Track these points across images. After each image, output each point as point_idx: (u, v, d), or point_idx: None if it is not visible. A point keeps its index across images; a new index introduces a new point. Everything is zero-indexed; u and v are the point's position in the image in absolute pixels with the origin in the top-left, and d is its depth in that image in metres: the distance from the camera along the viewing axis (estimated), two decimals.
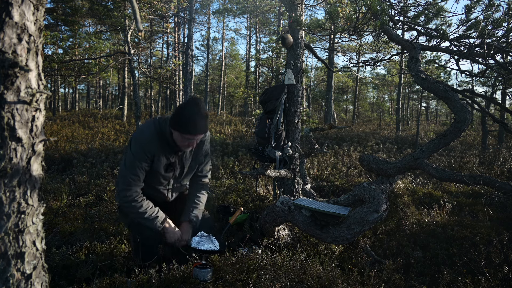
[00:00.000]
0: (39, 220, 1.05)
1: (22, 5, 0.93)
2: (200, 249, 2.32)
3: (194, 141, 2.07)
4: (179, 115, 1.99)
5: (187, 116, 1.97)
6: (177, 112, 2.01)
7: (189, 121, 1.97)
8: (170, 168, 2.21)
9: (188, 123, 1.97)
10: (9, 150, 0.94)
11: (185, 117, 1.97)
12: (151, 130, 2.09)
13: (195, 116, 1.97)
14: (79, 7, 14.54)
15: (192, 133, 2.00)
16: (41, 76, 1.02)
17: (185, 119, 1.97)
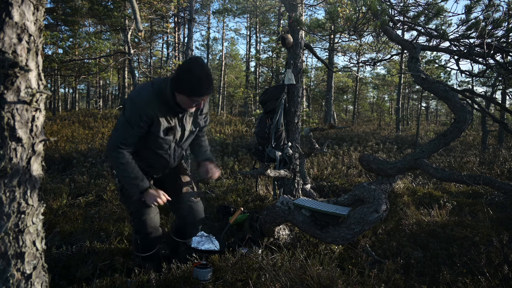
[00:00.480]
0: (39, 220, 1.05)
1: (22, 5, 0.93)
2: (200, 249, 2.32)
3: (201, 101, 1.98)
4: (186, 78, 1.87)
5: (196, 79, 1.85)
6: (182, 75, 1.88)
7: (198, 84, 1.86)
8: (171, 131, 2.09)
9: (197, 86, 1.87)
10: (9, 150, 0.94)
11: (194, 80, 1.85)
12: (149, 91, 1.97)
13: (204, 78, 1.86)
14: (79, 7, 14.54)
15: (202, 95, 1.91)
16: (41, 76, 1.02)
17: (193, 82, 1.86)
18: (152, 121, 1.98)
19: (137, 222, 2.22)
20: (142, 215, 2.20)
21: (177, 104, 1.97)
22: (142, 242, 2.25)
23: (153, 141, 2.08)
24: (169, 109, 2.00)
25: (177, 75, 1.91)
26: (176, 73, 1.92)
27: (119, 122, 1.99)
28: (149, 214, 2.23)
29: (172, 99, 1.96)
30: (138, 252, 2.29)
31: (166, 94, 1.95)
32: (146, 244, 2.27)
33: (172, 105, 1.98)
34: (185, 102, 1.95)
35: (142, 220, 2.21)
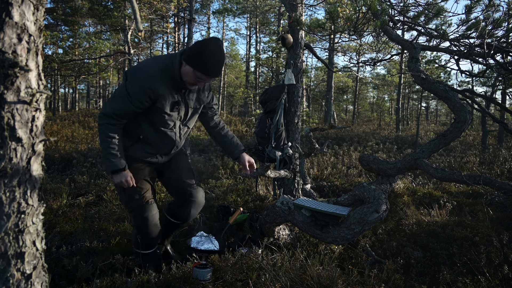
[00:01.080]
0: (39, 220, 1.05)
1: (22, 5, 0.93)
2: (200, 249, 2.32)
3: (203, 83, 1.97)
4: (202, 53, 1.83)
5: (211, 56, 1.83)
6: (199, 49, 1.84)
7: (212, 62, 1.84)
8: (176, 106, 2.05)
9: (210, 64, 1.84)
10: (9, 150, 0.94)
11: (209, 57, 1.82)
12: (153, 67, 1.93)
13: (218, 58, 1.84)
14: (79, 7, 14.54)
15: (212, 75, 1.89)
16: (41, 76, 1.02)
17: (208, 59, 1.83)
18: (157, 96, 1.93)
19: (139, 219, 2.19)
20: (143, 212, 2.17)
21: (181, 78, 1.94)
22: (144, 239, 2.22)
23: (159, 119, 2.04)
24: (173, 84, 1.97)
25: (193, 46, 1.87)
26: (193, 45, 1.88)
27: (118, 93, 1.93)
28: (150, 212, 2.20)
29: (178, 72, 1.92)
30: (139, 249, 2.26)
31: (173, 67, 1.92)
32: (147, 241, 2.24)
33: (177, 80, 1.94)
34: (189, 76, 1.91)
35: (144, 217, 2.17)
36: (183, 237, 2.99)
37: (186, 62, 1.88)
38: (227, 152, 2.49)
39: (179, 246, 2.82)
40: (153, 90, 1.90)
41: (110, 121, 1.92)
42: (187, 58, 1.88)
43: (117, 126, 1.96)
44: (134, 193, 2.14)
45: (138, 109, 1.94)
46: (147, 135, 2.08)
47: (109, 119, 1.92)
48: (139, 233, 2.22)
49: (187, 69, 1.89)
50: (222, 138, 2.45)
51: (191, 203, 2.33)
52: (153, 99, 1.93)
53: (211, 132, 2.48)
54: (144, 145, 2.11)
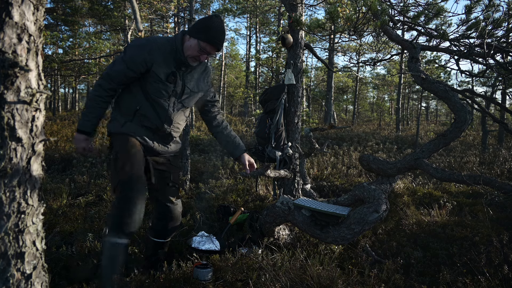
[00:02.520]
0: (39, 220, 1.05)
1: (22, 5, 0.93)
2: (201, 249, 2.33)
3: (206, 56, 2.02)
4: (207, 25, 1.92)
5: (216, 28, 1.92)
6: (203, 23, 1.94)
7: (217, 32, 1.92)
8: (172, 77, 2.03)
9: (215, 34, 1.92)
10: (9, 150, 0.94)
11: (213, 28, 1.92)
12: (154, 37, 2.03)
13: (222, 30, 1.94)
14: (79, 7, 14.54)
15: (216, 45, 1.96)
16: (41, 76, 1.02)
17: (213, 30, 1.92)
18: (152, 62, 1.95)
19: (123, 197, 1.92)
20: (131, 191, 1.92)
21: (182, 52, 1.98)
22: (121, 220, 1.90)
23: (154, 87, 2.02)
24: (174, 57, 2.00)
25: (197, 22, 1.98)
26: (196, 21, 1.99)
27: (116, 58, 2.02)
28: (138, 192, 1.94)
29: (180, 46, 1.97)
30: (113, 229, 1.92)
31: (175, 41, 1.98)
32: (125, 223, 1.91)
33: (178, 52, 1.98)
34: (192, 49, 1.96)
35: (129, 196, 1.91)
36: (183, 237, 2.99)
37: (191, 35, 1.95)
38: (227, 152, 2.47)
39: (179, 246, 2.82)
40: (150, 54, 1.94)
41: (103, 83, 1.97)
42: (191, 31, 1.96)
43: (108, 91, 1.99)
44: (126, 161, 1.95)
45: (132, 72, 1.95)
46: (143, 105, 2.06)
47: (103, 81, 1.97)
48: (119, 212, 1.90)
49: (191, 42, 1.95)
50: (223, 138, 2.42)
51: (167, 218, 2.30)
52: (148, 64, 1.95)
53: (213, 132, 2.46)
54: (141, 118, 2.08)
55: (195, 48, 1.95)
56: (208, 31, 1.91)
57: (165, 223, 2.30)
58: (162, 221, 2.30)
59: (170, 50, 1.98)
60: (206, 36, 1.92)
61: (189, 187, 4.94)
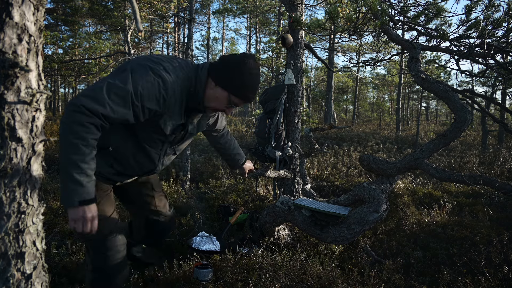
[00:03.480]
0: (39, 220, 1.05)
1: (23, 5, 0.93)
2: (201, 250, 2.33)
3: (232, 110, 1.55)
4: (242, 74, 1.44)
5: (251, 79, 1.46)
6: (237, 69, 1.44)
7: (251, 85, 1.47)
8: (179, 129, 1.55)
9: (252, 88, 1.47)
10: (10, 150, 0.94)
11: (250, 79, 1.45)
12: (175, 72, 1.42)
13: (257, 82, 1.49)
14: (79, 7, 14.54)
15: (247, 101, 1.51)
16: (41, 76, 1.02)
17: (249, 81, 1.46)
18: (164, 112, 1.42)
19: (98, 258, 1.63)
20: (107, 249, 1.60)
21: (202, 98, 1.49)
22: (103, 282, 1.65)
23: (150, 136, 1.51)
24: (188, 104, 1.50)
25: (227, 64, 1.46)
26: (225, 62, 1.47)
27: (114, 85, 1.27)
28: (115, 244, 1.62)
29: (202, 92, 1.48)
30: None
31: (197, 84, 1.47)
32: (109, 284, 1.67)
33: (196, 100, 1.49)
34: (219, 101, 1.49)
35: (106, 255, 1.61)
36: (183, 237, 2.99)
37: (219, 84, 1.45)
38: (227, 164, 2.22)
39: (180, 246, 2.82)
40: (166, 101, 1.39)
41: (95, 121, 1.24)
42: (220, 79, 1.45)
43: (99, 131, 1.28)
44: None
45: (130, 119, 1.34)
46: (121, 148, 1.51)
47: (93, 118, 1.23)
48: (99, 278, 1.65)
49: (218, 92, 1.46)
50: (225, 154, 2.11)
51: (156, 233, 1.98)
52: (158, 113, 1.40)
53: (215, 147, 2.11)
54: (110, 159, 1.54)
55: (223, 102, 1.49)
56: (244, 82, 1.45)
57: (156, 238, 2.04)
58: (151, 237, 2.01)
59: (186, 92, 1.46)
60: (241, 90, 1.46)
61: (189, 187, 4.94)
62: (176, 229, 3.08)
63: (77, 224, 1.25)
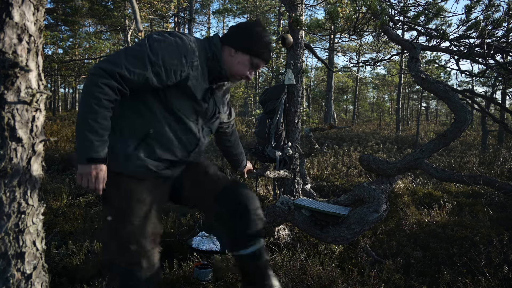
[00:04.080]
0: (39, 220, 1.05)
1: (23, 5, 0.93)
2: (202, 250, 2.33)
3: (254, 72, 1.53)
4: (259, 37, 1.46)
5: (264, 36, 1.47)
6: (252, 33, 1.46)
7: (266, 42, 1.47)
8: (207, 97, 1.48)
9: (269, 47, 1.48)
10: (9, 150, 0.94)
11: (261, 38, 1.46)
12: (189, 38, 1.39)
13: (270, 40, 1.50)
14: (79, 7, 14.55)
15: (267, 59, 1.51)
16: (41, 76, 1.02)
17: (262, 39, 1.47)
18: (189, 72, 1.37)
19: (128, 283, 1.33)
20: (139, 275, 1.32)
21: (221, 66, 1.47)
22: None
23: (186, 105, 1.41)
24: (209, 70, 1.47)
25: (241, 30, 1.47)
26: (238, 29, 1.49)
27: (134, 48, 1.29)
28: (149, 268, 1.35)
29: (220, 57, 1.46)
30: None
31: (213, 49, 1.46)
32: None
33: (218, 66, 1.46)
34: (241, 65, 1.47)
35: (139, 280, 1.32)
36: (184, 237, 2.99)
37: (240, 48, 1.45)
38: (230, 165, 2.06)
39: (180, 246, 2.82)
40: (187, 62, 1.34)
41: (110, 82, 1.23)
42: (240, 43, 1.45)
43: (116, 94, 1.26)
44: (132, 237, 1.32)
45: (156, 81, 1.30)
46: (162, 128, 1.39)
47: (109, 79, 1.22)
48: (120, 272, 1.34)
49: (239, 57, 1.46)
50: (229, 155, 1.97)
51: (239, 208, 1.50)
52: (183, 75, 1.35)
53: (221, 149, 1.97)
54: (154, 146, 1.39)
55: (246, 65, 1.48)
56: (262, 43, 1.47)
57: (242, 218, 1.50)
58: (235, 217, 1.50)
59: (204, 57, 1.44)
60: (261, 50, 1.47)
61: None
62: (176, 229, 3.08)
63: (83, 179, 1.24)
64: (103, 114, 1.23)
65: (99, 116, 1.22)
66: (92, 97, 1.21)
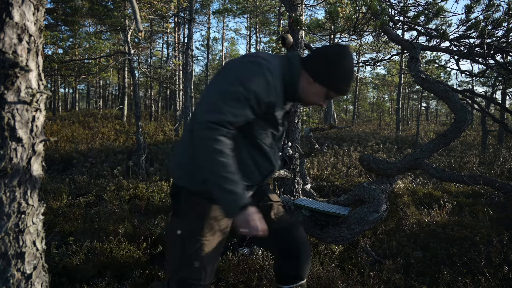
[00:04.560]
0: (39, 220, 1.05)
1: (23, 5, 0.93)
2: None
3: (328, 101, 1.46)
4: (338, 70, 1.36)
5: (350, 73, 1.38)
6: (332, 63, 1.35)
7: (350, 79, 1.40)
8: (285, 118, 1.49)
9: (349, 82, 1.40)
10: (10, 150, 0.94)
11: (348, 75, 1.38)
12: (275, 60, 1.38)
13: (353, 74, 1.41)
14: (79, 7, 14.55)
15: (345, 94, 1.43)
16: (41, 76, 1.02)
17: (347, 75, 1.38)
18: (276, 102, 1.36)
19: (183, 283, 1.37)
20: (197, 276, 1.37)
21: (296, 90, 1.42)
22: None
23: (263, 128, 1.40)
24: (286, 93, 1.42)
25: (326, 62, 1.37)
26: (322, 55, 1.38)
27: (226, 90, 1.26)
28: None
29: (296, 82, 1.40)
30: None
31: (292, 72, 1.39)
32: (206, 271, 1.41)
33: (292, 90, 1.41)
34: (316, 96, 1.41)
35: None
36: None
37: (318, 80, 1.38)
38: None
39: None
40: (277, 91, 1.34)
41: (221, 132, 1.24)
42: (319, 75, 1.37)
43: (231, 138, 1.27)
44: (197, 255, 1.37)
45: (250, 116, 1.32)
46: (243, 157, 1.40)
47: (221, 130, 1.23)
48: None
49: (316, 88, 1.39)
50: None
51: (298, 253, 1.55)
52: (272, 104, 1.34)
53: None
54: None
55: (321, 96, 1.42)
56: (343, 79, 1.38)
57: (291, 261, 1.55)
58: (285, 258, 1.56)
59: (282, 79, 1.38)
60: (340, 85, 1.38)
61: None
62: None
63: (245, 229, 1.24)
64: (230, 162, 1.24)
65: (229, 167, 1.23)
66: (215, 152, 1.21)
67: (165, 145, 9.59)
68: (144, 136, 9.15)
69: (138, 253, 2.62)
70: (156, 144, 9.78)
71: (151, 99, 15.22)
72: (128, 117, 16.56)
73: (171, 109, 22.83)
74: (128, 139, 10.54)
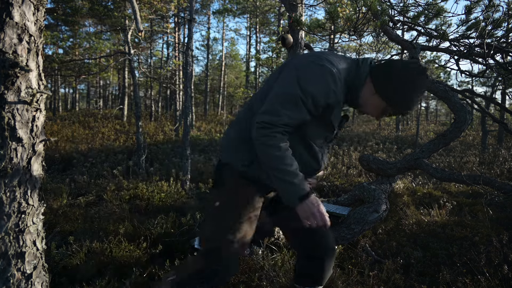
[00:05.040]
0: (40, 220, 1.05)
1: (23, 5, 0.93)
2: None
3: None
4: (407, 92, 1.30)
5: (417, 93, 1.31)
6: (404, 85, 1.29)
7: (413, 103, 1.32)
8: (343, 122, 1.50)
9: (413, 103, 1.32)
10: (10, 150, 0.94)
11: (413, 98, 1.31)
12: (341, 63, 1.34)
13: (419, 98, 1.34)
14: (79, 7, 14.55)
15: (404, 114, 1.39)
16: (41, 76, 1.03)
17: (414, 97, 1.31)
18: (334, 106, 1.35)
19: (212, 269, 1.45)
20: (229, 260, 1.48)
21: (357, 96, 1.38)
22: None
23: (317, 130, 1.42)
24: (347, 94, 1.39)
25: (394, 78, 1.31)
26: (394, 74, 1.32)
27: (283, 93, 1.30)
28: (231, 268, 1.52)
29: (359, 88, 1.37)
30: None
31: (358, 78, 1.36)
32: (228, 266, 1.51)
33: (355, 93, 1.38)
34: (375, 108, 1.39)
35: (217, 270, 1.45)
36: (183, 237, 2.99)
37: (379, 93, 1.33)
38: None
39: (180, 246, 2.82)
40: (337, 95, 1.32)
41: (276, 130, 1.30)
42: (383, 89, 1.33)
43: (286, 134, 1.33)
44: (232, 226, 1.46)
45: (307, 117, 1.34)
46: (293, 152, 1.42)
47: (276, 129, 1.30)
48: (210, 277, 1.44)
49: (376, 100, 1.35)
50: None
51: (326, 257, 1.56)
52: (330, 106, 1.34)
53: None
54: None
55: (378, 110, 1.38)
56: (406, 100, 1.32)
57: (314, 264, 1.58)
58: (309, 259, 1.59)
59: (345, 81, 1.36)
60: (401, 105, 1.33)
61: (189, 187, 4.94)
62: (176, 229, 3.08)
63: (307, 219, 1.31)
64: (287, 154, 1.31)
65: (286, 159, 1.30)
66: (271, 148, 1.29)
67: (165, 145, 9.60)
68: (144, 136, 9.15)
69: (138, 253, 2.62)
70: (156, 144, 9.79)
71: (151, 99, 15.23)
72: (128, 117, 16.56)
73: (171, 109, 22.83)
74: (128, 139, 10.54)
